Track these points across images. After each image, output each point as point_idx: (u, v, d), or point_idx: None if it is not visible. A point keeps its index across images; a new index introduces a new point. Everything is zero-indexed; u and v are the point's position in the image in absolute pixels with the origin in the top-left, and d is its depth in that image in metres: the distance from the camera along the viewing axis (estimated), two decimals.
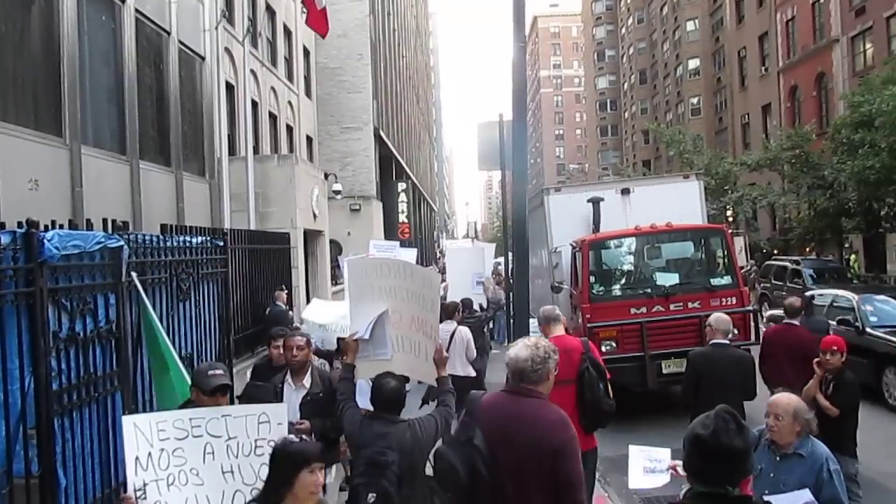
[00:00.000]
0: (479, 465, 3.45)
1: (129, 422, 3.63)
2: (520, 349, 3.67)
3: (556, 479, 3.42)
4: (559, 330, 6.00)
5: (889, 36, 28.07)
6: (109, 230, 5.09)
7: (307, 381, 5.37)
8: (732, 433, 2.59)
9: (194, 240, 6.86)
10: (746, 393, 6.25)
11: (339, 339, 7.61)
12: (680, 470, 3.54)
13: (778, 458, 4.14)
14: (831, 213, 25.19)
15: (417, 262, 15.98)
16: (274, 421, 3.84)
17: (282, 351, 5.78)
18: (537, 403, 3.59)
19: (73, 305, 4.55)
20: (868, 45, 29.77)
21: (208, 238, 7.38)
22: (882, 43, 28.25)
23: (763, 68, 40.22)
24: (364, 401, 4.63)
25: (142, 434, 3.55)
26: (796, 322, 7.89)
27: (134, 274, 4.49)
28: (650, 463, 4.31)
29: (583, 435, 4.86)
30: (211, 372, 4.08)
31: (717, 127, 50.34)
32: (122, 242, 5.02)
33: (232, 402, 4.35)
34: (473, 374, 9.43)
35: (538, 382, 3.62)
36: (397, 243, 18.57)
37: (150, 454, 3.53)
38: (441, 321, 9.57)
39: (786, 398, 4.20)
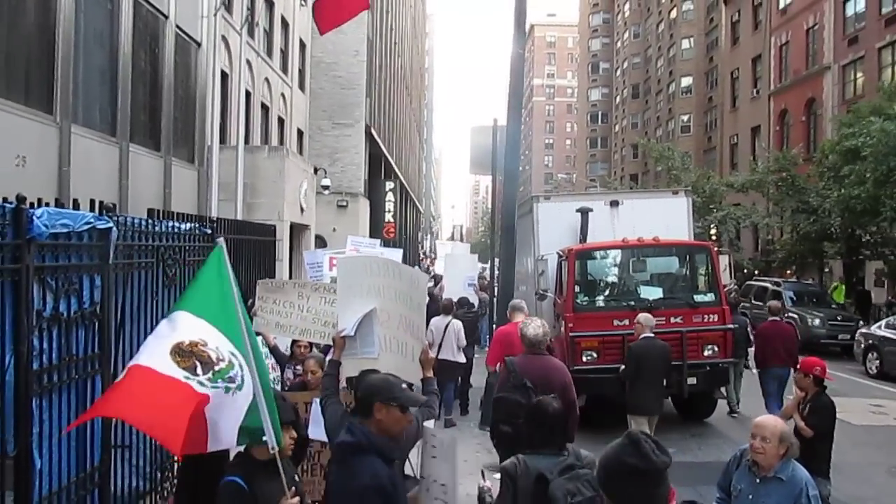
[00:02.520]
0: (533, 397, 4.95)
1: None
2: (536, 328, 5.89)
3: (566, 399, 5.19)
4: (520, 318, 7.67)
5: (880, 66, 28.44)
6: (97, 211, 5.03)
7: None
8: (661, 450, 2.41)
9: (182, 226, 6.80)
10: (667, 373, 8.54)
11: (292, 345, 7.12)
12: None
13: (758, 481, 4.15)
14: (814, 238, 25.45)
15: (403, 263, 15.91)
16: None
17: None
18: (548, 358, 6.06)
19: (59, 285, 4.48)
20: (859, 75, 30.14)
21: (196, 225, 7.31)
22: (873, 73, 28.59)
23: (755, 90, 40.60)
24: (318, 431, 4.52)
25: None
26: (779, 318, 10.91)
27: (221, 239, 3.88)
28: None
29: None
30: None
31: (706, 146, 50.72)
32: (111, 224, 4.96)
33: None
34: (464, 360, 10.99)
35: (544, 346, 5.95)
36: (377, 241, 18.62)
37: None
38: (438, 315, 10.70)
39: (772, 421, 4.21)
